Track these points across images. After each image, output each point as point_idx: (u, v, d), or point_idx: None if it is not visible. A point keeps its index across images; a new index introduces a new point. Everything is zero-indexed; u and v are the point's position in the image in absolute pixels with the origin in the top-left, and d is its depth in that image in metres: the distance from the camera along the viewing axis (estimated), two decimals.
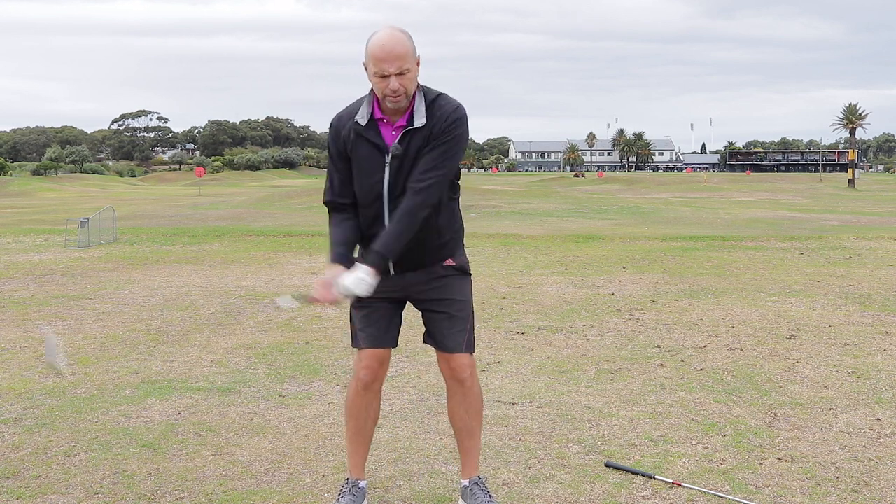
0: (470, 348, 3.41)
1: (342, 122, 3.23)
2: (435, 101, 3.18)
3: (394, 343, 3.43)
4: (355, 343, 3.42)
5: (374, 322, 3.35)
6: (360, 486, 3.47)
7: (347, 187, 3.27)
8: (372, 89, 3.17)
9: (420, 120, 3.14)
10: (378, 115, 3.18)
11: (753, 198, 41.64)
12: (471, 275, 3.47)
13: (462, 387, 3.41)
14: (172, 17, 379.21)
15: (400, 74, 3.06)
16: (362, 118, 3.17)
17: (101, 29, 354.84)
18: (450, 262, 3.36)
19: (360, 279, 3.06)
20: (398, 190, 3.18)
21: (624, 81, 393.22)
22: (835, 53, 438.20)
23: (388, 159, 3.17)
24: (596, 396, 5.09)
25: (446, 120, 3.15)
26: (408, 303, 3.43)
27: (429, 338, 3.42)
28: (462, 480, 3.50)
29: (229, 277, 10.77)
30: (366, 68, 3.13)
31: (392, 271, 3.28)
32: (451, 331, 3.36)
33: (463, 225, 3.46)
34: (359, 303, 3.33)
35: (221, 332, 7.16)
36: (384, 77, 3.06)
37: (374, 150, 3.18)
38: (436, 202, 3.18)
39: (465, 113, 3.19)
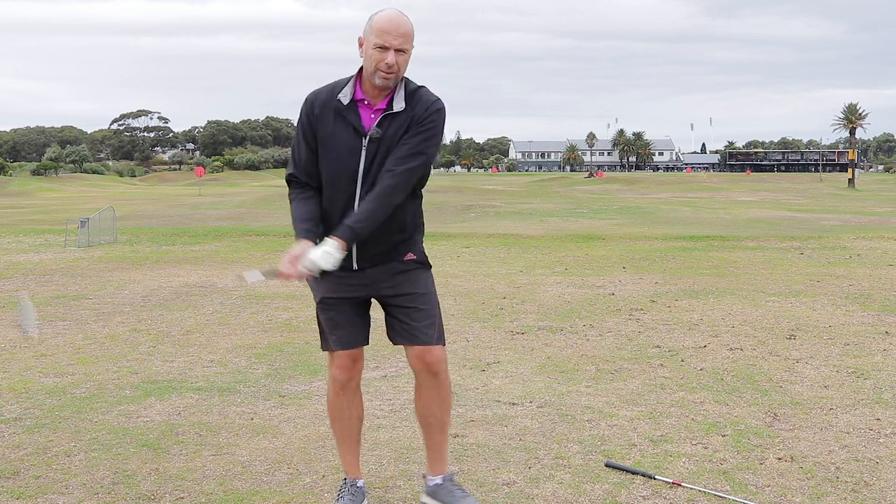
0: (441, 340, 3.41)
1: (319, 99, 3.18)
2: (416, 90, 3.21)
3: (365, 341, 3.41)
4: (326, 346, 3.41)
5: (340, 324, 3.34)
6: (358, 485, 3.46)
7: (313, 167, 3.23)
8: (358, 71, 3.18)
9: (399, 104, 3.16)
10: (360, 95, 3.17)
11: (753, 198, 41.65)
12: (431, 268, 3.45)
13: (436, 380, 3.39)
14: (172, 17, 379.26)
15: (399, 51, 3.08)
16: (345, 97, 3.16)
17: (101, 29, 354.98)
18: (410, 256, 3.34)
19: (327, 253, 3.04)
20: (372, 175, 3.17)
21: (624, 81, 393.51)
22: (835, 53, 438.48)
23: (365, 142, 3.16)
24: (596, 396, 5.09)
25: (427, 109, 3.18)
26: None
27: (398, 336, 3.36)
28: (433, 478, 3.46)
29: (229, 277, 10.77)
30: (360, 44, 3.14)
31: (355, 265, 3.26)
32: (421, 324, 3.33)
33: (423, 223, 3.46)
34: (322, 305, 3.33)
35: (221, 332, 7.16)
36: (384, 49, 3.06)
37: (351, 131, 3.16)
38: (409, 190, 3.20)
39: (444, 107, 3.23)
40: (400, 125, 3.15)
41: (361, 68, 3.19)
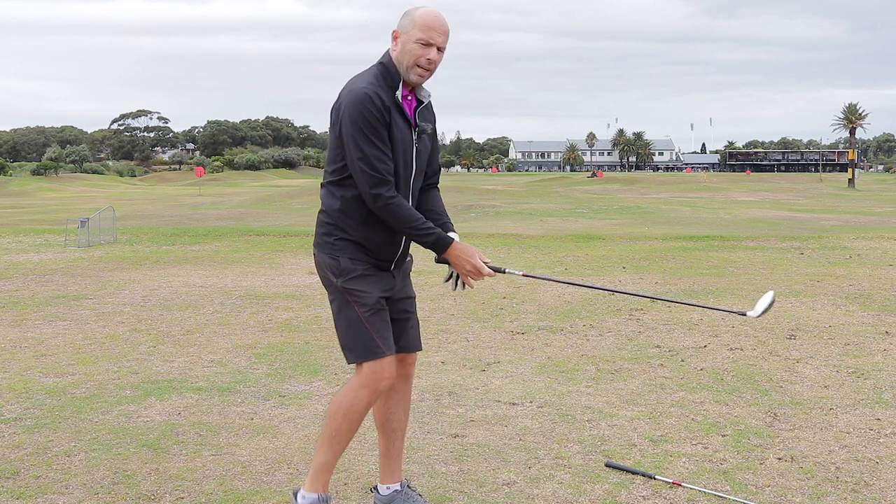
0: None
1: (382, 96, 3.02)
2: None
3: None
4: (377, 353, 3.10)
5: (388, 325, 3.19)
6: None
7: (392, 164, 3.07)
8: (384, 65, 3.09)
9: (425, 95, 3.19)
10: (405, 92, 3.14)
11: (753, 198, 41.64)
12: None
13: (408, 385, 3.40)
14: (172, 17, 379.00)
15: (439, 50, 3.09)
16: (400, 94, 3.09)
17: (100, 29, 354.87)
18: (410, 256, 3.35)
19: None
20: (422, 169, 3.22)
21: (624, 81, 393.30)
22: (835, 53, 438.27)
23: (415, 138, 3.16)
24: (596, 396, 5.09)
25: (432, 109, 3.31)
26: None
27: (396, 340, 3.27)
28: (391, 485, 3.38)
29: (229, 277, 10.77)
30: (394, 38, 3.09)
31: (394, 264, 3.25)
32: (415, 329, 3.34)
33: None
34: (379, 305, 3.13)
35: (221, 332, 7.16)
36: (428, 45, 3.05)
37: (408, 127, 3.13)
38: None
39: None
40: (430, 118, 3.23)
41: (382, 63, 3.10)
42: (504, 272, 3.20)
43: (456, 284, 3.25)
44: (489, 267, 3.12)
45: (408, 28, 3.07)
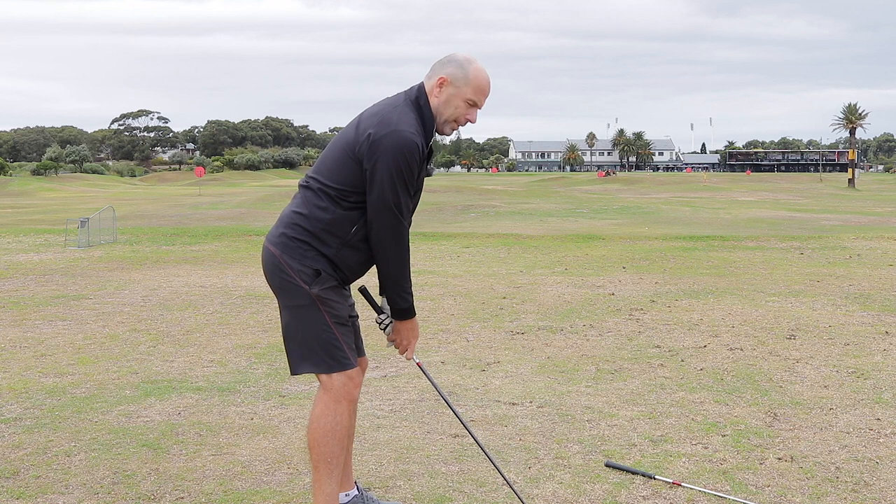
0: None
1: (422, 143, 2.96)
2: None
3: None
4: (347, 364, 3.05)
5: (353, 338, 3.16)
6: (364, 493, 3.40)
7: None
8: (420, 107, 3.01)
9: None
10: None
11: (753, 198, 41.64)
12: None
13: (359, 389, 3.32)
14: (171, 16, 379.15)
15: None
16: (431, 142, 3.04)
17: (100, 29, 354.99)
18: None
19: None
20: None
21: (625, 81, 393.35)
22: (836, 53, 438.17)
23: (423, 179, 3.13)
24: (596, 396, 5.09)
25: None
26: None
27: None
28: (349, 492, 3.32)
29: (229, 277, 10.77)
30: (441, 84, 3.01)
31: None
32: (361, 335, 3.30)
33: None
34: (346, 320, 3.10)
35: (221, 332, 7.16)
36: (473, 107, 3.06)
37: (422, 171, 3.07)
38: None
39: None
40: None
41: (419, 103, 3.01)
42: (419, 366, 3.37)
43: (389, 339, 3.26)
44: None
45: (460, 83, 3.01)
